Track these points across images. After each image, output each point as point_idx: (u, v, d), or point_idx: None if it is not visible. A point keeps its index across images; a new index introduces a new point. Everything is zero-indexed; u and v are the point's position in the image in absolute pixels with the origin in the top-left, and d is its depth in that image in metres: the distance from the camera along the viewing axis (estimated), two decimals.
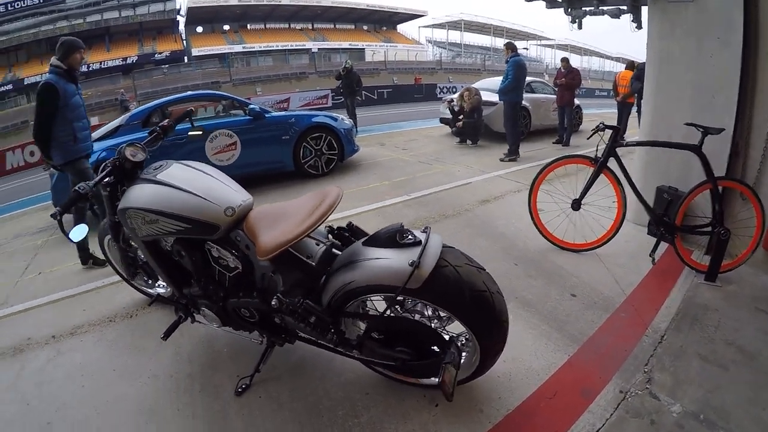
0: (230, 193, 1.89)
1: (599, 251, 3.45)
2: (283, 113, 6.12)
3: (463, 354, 1.82)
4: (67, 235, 1.92)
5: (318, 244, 1.81)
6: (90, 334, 3.07)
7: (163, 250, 2.16)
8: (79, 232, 1.94)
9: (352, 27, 47.12)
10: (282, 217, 1.76)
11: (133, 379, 2.50)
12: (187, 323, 2.41)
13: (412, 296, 1.66)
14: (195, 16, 38.79)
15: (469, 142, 8.04)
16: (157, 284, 3.00)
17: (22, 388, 2.59)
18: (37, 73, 30.71)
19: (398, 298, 1.71)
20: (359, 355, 1.84)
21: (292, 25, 44.07)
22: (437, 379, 1.64)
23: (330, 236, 1.93)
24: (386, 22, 49.11)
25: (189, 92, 7.15)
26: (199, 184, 1.88)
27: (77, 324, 3.22)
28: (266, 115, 5.76)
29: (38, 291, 3.92)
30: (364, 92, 20.04)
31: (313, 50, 37.45)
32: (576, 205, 3.38)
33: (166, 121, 2.48)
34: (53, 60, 3.64)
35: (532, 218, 3.56)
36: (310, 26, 44.76)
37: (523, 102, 7.82)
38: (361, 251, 1.67)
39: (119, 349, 2.83)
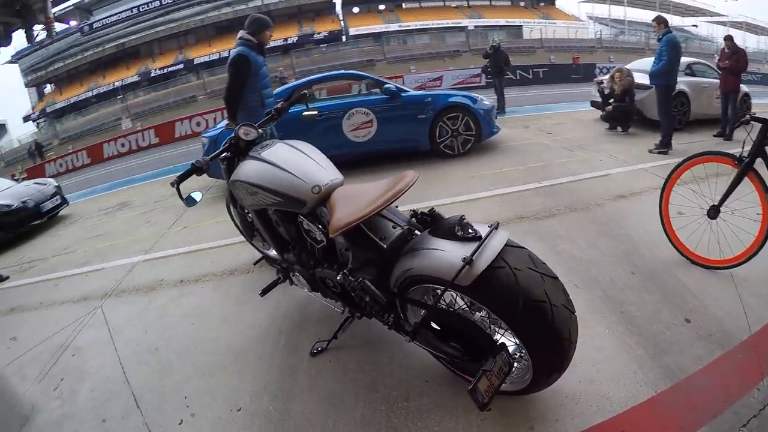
0: (320, 172, 2.03)
1: (735, 272, 2.78)
2: (419, 92, 6.19)
3: (515, 366, 1.67)
4: (183, 200, 2.27)
5: (395, 228, 1.83)
6: (210, 283, 3.55)
7: (268, 217, 2.43)
8: (190, 200, 2.30)
9: (509, 3, 45.17)
10: (359, 197, 1.79)
11: (232, 325, 2.89)
12: (287, 285, 2.69)
13: (463, 293, 1.60)
14: None
15: (618, 129, 7.20)
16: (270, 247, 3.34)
17: (145, 318, 3.23)
18: (203, 54, 36.93)
19: (453, 292, 1.65)
20: (411, 341, 1.80)
21: (447, 3, 44.00)
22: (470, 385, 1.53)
23: (413, 220, 1.92)
24: None
25: (329, 72, 7.57)
26: (294, 163, 2.05)
27: (203, 273, 3.75)
28: (402, 95, 5.89)
29: (180, 242, 4.67)
30: (518, 71, 19.34)
31: (469, 28, 36.95)
32: (713, 212, 2.79)
33: (281, 103, 2.75)
34: (243, 34, 4.13)
35: (662, 223, 3.05)
36: (465, 3, 44.14)
37: (682, 87, 6.89)
38: (425, 239, 1.66)
39: (230, 298, 3.24)
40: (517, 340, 1.64)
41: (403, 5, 43.40)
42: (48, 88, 42.68)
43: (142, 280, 3.96)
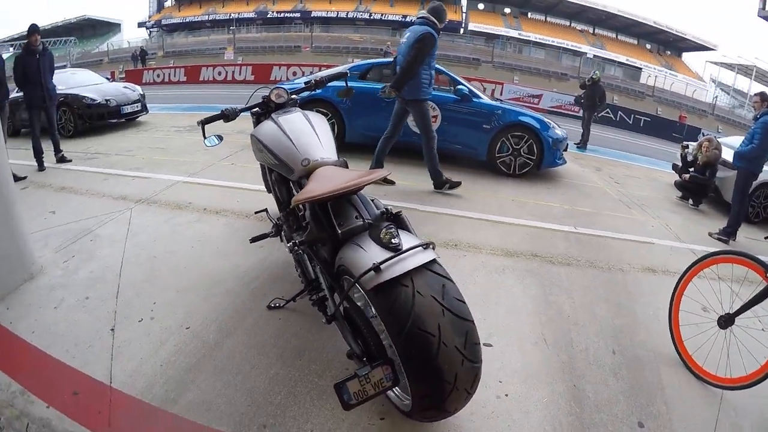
0: (317, 148, 2.21)
1: (728, 395, 2.46)
2: (492, 102, 6.23)
3: (400, 382, 1.69)
4: (204, 138, 2.71)
5: (357, 218, 1.90)
6: (226, 218, 4.01)
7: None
8: (210, 141, 2.73)
9: (635, 42, 43.02)
10: (331, 179, 1.91)
11: (222, 258, 3.33)
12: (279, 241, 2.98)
13: (366, 296, 1.69)
14: None
15: (690, 201, 6.82)
16: None
17: (160, 230, 3.80)
18: (321, 9, 38.93)
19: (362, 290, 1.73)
20: (327, 323, 1.98)
21: (573, 24, 42.68)
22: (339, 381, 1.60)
23: (383, 217, 2.03)
24: (671, 46, 43.35)
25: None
26: (299, 134, 2.28)
27: (225, 208, 4.22)
28: (474, 99, 6.00)
29: (221, 175, 5.21)
30: (619, 112, 18.64)
31: (588, 55, 35.64)
32: (725, 322, 2.47)
33: (320, 76, 3.06)
34: (428, 16, 4.63)
35: (670, 314, 2.82)
36: (590, 29, 42.65)
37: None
38: (363, 237, 1.77)
39: (234, 236, 3.68)
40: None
41: (529, 14, 42.57)
42: (168, 2, 46.51)
43: (175, 198, 4.53)
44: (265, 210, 3.40)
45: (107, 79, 10.50)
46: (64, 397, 2.09)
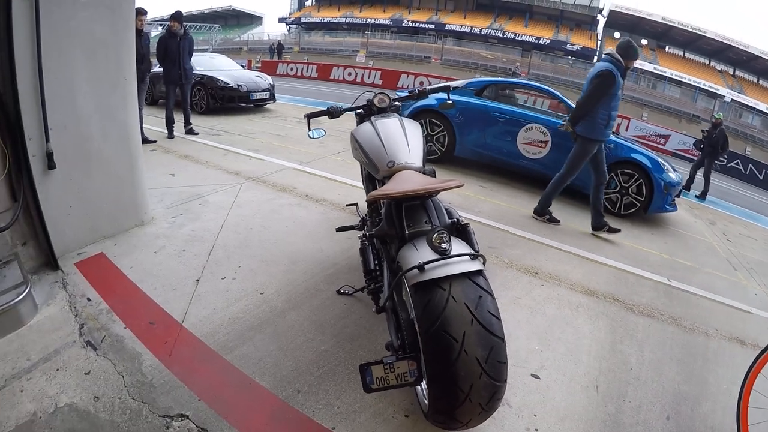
0: (404, 152, 2.35)
1: None
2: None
3: (422, 380, 1.78)
4: (309, 130, 3.04)
5: (427, 222, 2.01)
6: (324, 207, 4.39)
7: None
8: (316, 133, 3.08)
9: None
10: (406, 181, 2.02)
11: (310, 241, 3.61)
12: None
13: (408, 290, 1.78)
14: (615, 20, 39.25)
15: None
16: None
17: (263, 206, 4.28)
18: (456, 23, 39.79)
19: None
20: (377, 312, 2.09)
21: (712, 63, 38.83)
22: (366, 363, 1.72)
23: (452, 226, 2.11)
24: None
25: (529, 81, 7.87)
26: (391, 137, 2.44)
27: (325, 198, 4.63)
28: None
29: (330, 168, 5.76)
30: (751, 166, 16.60)
31: (725, 99, 32.13)
32: None
33: (424, 87, 3.24)
34: (614, 53, 4.58)
35: (739, 399, 2.44)
36: (730, 71, 38.40)
37: None
38: (421, 239, 1.86)
39: (326, 224, 4.00)
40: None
41: (667, 48, 39.55)
42: (309, 2, 50.31)
43: (282, 181, 4.99)
44: (356, 204, 3.65)
45: (242, 66, 11.61)
46: (140, 324, 2.48)
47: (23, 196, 2.73)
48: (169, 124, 6.79)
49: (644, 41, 39.36)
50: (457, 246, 1.79)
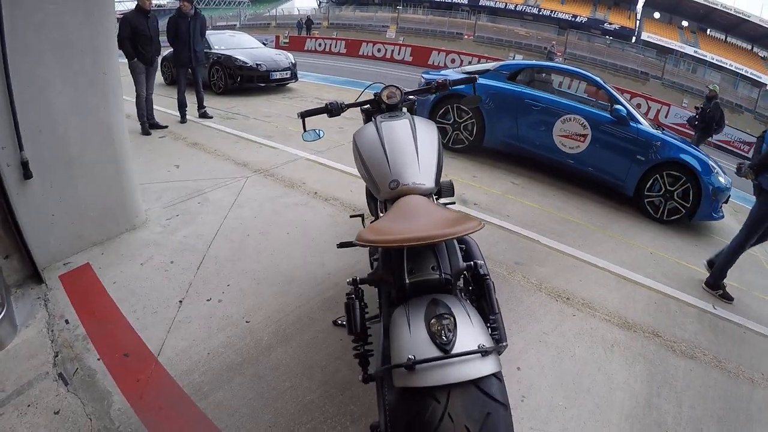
0: (413, 169, 1.88)
1: None
2: (651, 130, 5.40)
3: None
4: (304, 132, 2.51)
5: (434, 270, 1.55)
6: (333, 208, 4.04)
7: None
8: (309, 135, 2.53)
9: None
10: (412, 217, 1.56)
11: (310, 253, 3.26)
12: None
13: (394, 391, 1.35)
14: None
15: None
16: None
17: (265, 207, 3.94)
18: (617, 22, 37.54)
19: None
20: (363, 382, 1.65)
21: (755, 49, 36.50)
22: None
23: (464, 276, 1.71)
24: None
25: (568, 66, 7.07)
26: (396, 147, 1.97)
27: (336, 196, 4.27)
28: (631, 124, 5.29)
29: (345, 158, 5.28)
30: None
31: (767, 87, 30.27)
32: None
33: (445, 79, 2.66)
34: None
35: None
36: None
37: None
38: (419, 306, 1.41)
39: (333, 230, 3.65)
40: None
41: (708, 30, 37.36)
42: None
43: (291, 174, 4.66)
44: (362, 216, 3.24)
45: (264, 43, 11.22)
46: (114, 355, 2.27)
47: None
48: (182, 107, 6.53)
49: (685, 23, 37.49)
50: (463, 336, 1.28)
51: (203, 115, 6.78)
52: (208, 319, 2.51)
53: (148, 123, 6.00)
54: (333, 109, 2.42)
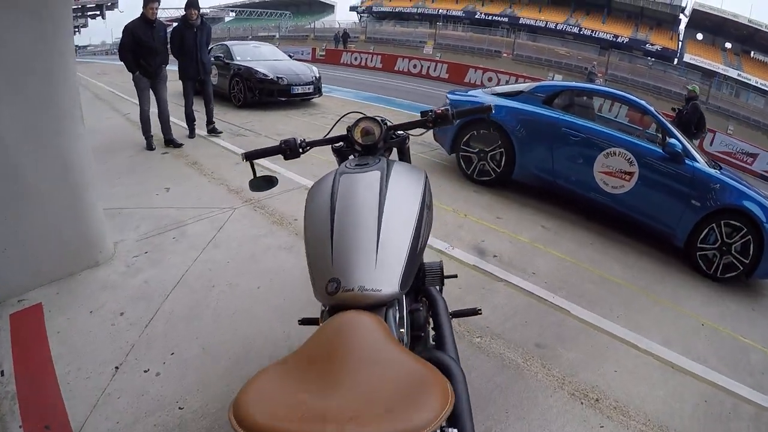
0: (365, 265, 1.20)
1: None
2: (711, 171, 4.63)
3: None
4: (252, 179, 1.89)
5: None
6: None
7: None
8: (256, 185, 1.90)
9: None
10: (329, 375, 0.92)
11: (281, 320, 2.80)
12: None
13: None
14: (699, 20, 35.77)
15: None
16: None
17: (243, 249, 3.49)
18: (530, 17, 38.01)
19: None
20: None
21: None
22: None
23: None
24: None
25: (615, 90, 6.08)
26: (348, 221, 1.30)
27: None
28: (687, 161, 4.58)
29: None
30: None
31: None
32: None
33: (447, 109, 1.87)
34: None
35: None
36: None
37: None
38: None
39: (300, 280, 3.09)
40: None
41: (752, 53, 35.72)
42: None
43: (283, 207, 4.19)
44: (317, 322, 2.65)
45: (291, 56, 10.85)
46: (37, 425, 1.99)
47: None
48: (190, 122, 6.26)
49: (728, 44, 36.05)
50: None
51: (212, 131, 6.48)
52: (140, 397, 2.08)
53: (165, 139, 5.75)
54: (289, 149, 1.76)
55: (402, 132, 1.84)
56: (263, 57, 9.42)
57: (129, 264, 3.11)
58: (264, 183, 1.89)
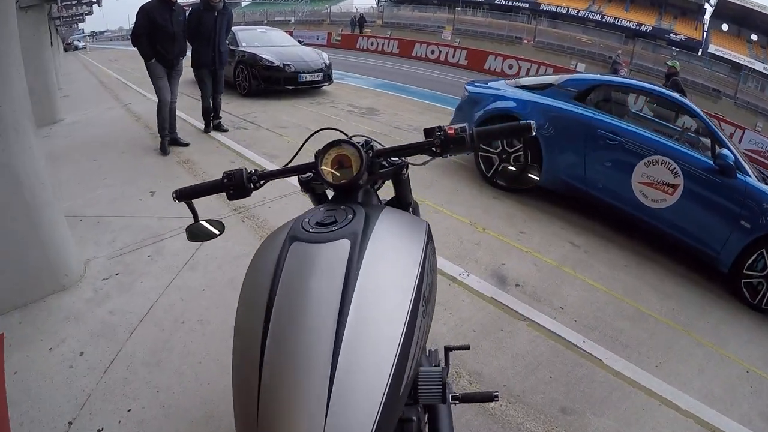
0: (313, 427, 0.69)
1: None
2: (764, 187, 4.03)
3: None
4: (191, 224, 1.35)
5: None
6: None
7: None
8: (196, 232, 1.36)
9: None
10: None
11: None
12: None
13: None
14: (724, 10, 34.53)
15: None
16: None
17: (221, 272, 3.06)
18: (552, 2, 37.07)
19: None
20: None
21: None
22: None
23: None
24: None
25: (655, 86, 5.10)
26: (292, 368, 0.75)
27: None
28: (739, 176, 3.98)
29: None
30: None
31: None
32: None
33: (465, 127, 1.21)
34: None
35: None
36: None
37: None
38: None
39: None
40: None
41: None
42: None
43: (277, 217, 3.73)
44: None
45: (300, 41, 10.39)
46: None
47: None
48: (207, 114, 5.84)
49: (754, 36, 34.64)
50: None
51: (218, 126, 6.03)
52: None
53: (170, 138, 5.24)
54: (233, 187, 1.22)
55: (396, 159, 1.31)
56: (270, 43, 8.96)
57: (97, 289, 2.77)
58: (204, 230, 1.38)
